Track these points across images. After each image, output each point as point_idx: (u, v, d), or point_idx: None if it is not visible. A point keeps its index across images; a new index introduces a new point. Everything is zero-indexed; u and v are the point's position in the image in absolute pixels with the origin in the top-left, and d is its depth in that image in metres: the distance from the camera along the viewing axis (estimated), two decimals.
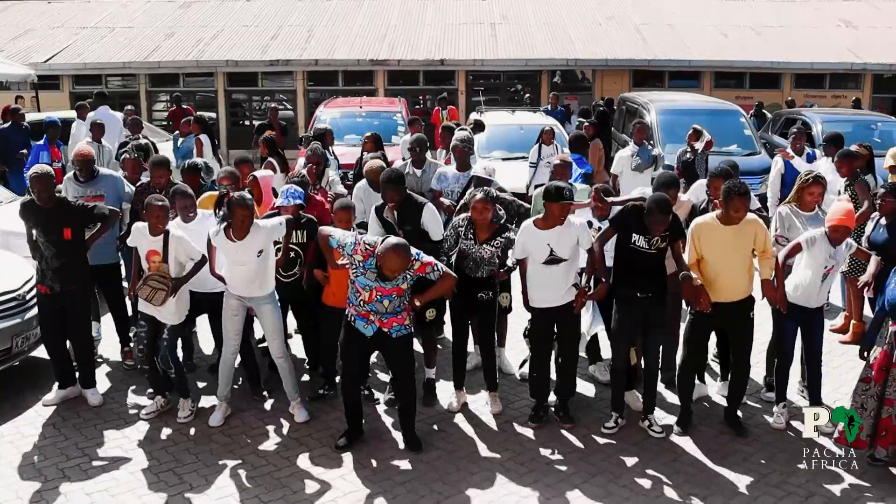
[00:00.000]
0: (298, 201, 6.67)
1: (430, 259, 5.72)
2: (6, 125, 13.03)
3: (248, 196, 6.23)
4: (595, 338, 7.01)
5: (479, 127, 12.15)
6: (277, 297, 6.50)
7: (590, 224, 6.53)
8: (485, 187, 6.66)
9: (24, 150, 12.44)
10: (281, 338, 6.46)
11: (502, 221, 6.54)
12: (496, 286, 6.49)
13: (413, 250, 5.59)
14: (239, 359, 6.68)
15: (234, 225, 6.06)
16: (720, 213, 5.98)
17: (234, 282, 6.30)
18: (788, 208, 6.82)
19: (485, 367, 6.66)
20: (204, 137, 11.85)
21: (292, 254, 6.69)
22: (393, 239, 5.57)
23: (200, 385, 7.08)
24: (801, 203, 6.75)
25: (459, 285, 6.22)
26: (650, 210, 5.81)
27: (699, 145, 10.73)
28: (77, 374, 6.84)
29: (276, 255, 6.49)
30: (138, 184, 7.81)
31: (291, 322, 7.43)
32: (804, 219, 6.64)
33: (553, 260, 6.04)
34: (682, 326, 6.62)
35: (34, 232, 6.57)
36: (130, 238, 6.42)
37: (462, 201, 6.94)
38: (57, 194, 6.59)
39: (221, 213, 6.31)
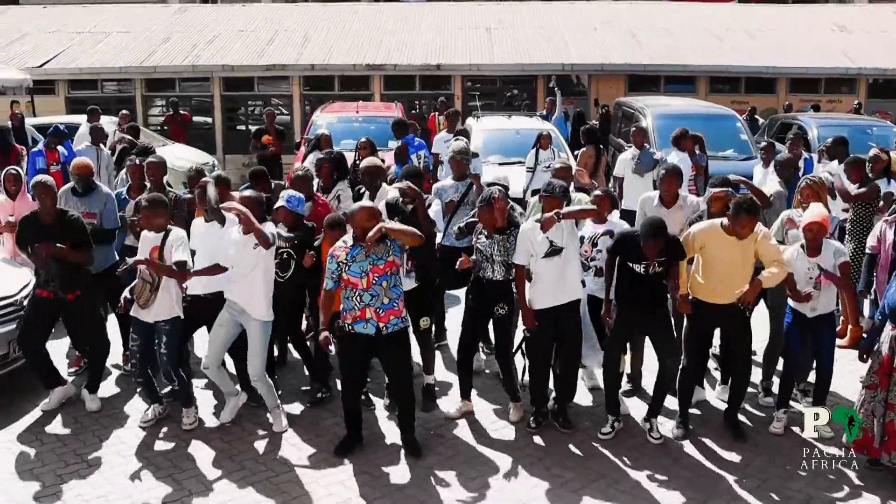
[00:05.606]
0: (299, 210, 6.67)
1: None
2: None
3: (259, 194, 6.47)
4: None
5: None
6: (274, 298, 6.39)
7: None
8: (497, 187, 6.61)
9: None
10: (262, 362, 6.27)
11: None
12: (513, 300, 6.37)
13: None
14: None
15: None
16: (727, 223, 5.90)
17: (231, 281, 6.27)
18: (792, 213, 6.79)
19: (505, 382, 6.62)
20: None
21: (285, 255, 6.67)
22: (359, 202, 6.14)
23: (198, 387, 7.06)
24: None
25: (476, 291, 6.36)
26: (643, 234, 5.84)
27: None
28: (82, 376, 6.85)
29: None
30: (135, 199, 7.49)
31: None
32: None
33: (553, 251, 6.04)
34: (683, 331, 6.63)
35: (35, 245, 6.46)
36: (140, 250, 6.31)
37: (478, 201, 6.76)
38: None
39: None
